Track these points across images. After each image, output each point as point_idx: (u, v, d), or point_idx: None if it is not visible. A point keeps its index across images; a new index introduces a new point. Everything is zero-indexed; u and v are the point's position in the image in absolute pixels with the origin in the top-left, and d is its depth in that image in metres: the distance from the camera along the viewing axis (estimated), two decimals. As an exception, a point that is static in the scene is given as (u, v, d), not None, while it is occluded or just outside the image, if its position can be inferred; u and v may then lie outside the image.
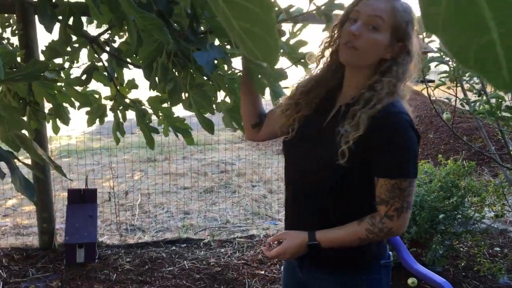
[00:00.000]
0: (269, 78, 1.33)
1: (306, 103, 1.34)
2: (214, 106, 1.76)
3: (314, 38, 1.61)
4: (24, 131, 1.32)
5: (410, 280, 2.85)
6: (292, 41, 1.57)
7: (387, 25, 1.19)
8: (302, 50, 1.58)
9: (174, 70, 1.38)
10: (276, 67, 1.35)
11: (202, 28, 1.29)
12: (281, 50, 1.76)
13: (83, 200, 3.26)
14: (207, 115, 1.66)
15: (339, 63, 1.29)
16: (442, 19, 0.21)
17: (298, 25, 1.56)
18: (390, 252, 1.35)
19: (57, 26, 1.61)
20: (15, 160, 1.07)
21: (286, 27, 1.56)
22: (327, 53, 1.33)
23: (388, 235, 1.23)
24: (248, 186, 5.34)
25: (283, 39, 1.53)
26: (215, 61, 1.20)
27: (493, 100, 2.19)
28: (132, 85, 2.03)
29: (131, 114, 2.07)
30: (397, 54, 1.22)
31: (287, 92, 1.73)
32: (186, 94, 1.56)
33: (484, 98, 2.33)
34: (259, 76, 1.38)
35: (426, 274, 1.74)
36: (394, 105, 1.20)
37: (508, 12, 0.19)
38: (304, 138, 1.32)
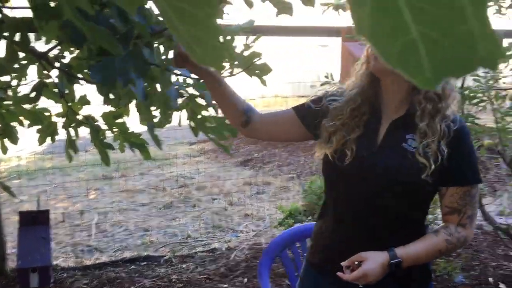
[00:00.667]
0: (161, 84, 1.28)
1: (355, 123, 1.28)
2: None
3: (267, 50, 1.63)
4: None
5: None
6: (246, 53, 1.59)
7: None
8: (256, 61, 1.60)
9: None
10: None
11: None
12: (236, 62, 1.78)
13: (35, 222, 3.13)
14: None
15: (376, 78, 1.28)
16: (368, 20, 0.22)
17: (251, 37, 1.58)
18: None
19: (3, 43, 1.55)
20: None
21: (241, 39, 1.57)
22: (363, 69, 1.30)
23: (463, 244, 1.22)
24: (208, 199, 5.30)
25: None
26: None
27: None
28: (85, 101, 1.98)
29: (84, 132, 2.02)
30: None
31: None
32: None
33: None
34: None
35: (386, 277, 1.80)
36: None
37: (426, 13, 0.21)
38: (363, 160, 1.25)
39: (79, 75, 1.82)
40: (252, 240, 3.91)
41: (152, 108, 1.64)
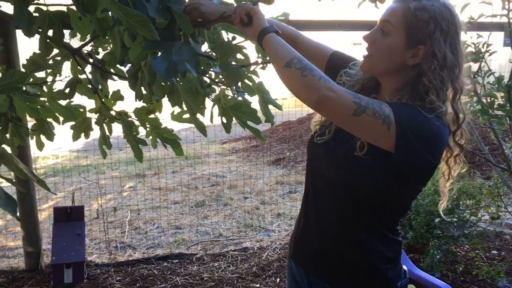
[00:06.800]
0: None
1: None
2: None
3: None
4: (6, 147, 1.25)
5: None
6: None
7: (399, 27, 1.11)
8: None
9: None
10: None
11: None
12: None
13: (69, 218, 3.17)
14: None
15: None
16: None
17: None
18: (406, 268, 1.27)
19: (37, 39, 1.55)
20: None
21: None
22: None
23: (314, 82, 1.04)
24: (240, 198, 5.27)
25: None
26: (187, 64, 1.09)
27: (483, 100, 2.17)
28: (118, 96, 1.97)
29: (118, 131, 2.01)
30: (422, 59, 1.12)
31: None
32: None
33: (475, 98, 2.31)
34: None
35: (427, 279, 1.69)
36: None
37: None
38: (330, 145, 1.26)
39: (112, 70, 1.81)
40: (285, 240, 3.85)
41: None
